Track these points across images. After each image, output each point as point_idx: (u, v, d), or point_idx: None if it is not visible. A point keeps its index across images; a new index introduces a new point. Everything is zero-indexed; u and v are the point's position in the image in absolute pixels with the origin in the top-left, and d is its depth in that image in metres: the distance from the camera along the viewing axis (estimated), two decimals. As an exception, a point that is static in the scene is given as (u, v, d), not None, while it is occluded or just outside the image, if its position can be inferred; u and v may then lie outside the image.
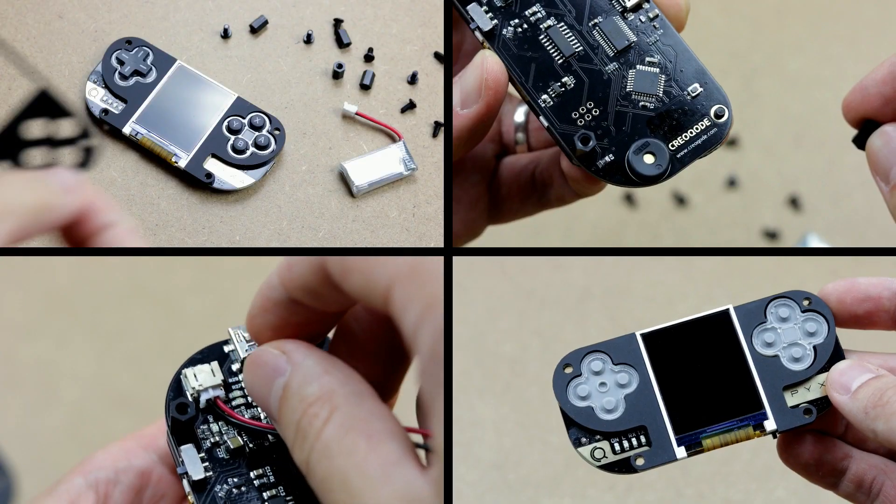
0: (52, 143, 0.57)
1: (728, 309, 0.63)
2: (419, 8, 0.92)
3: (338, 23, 0.90)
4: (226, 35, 0.88)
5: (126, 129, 0.82)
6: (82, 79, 0.85)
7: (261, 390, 0.55)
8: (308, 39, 0.89)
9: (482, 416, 1.07)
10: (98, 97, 0.83)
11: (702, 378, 0.62)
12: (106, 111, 0.83)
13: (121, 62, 0.84)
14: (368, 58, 0.89)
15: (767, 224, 1.13)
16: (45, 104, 0.57)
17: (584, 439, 0.61)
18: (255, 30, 0.89)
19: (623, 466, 0.61)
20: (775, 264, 1.14)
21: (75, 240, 0.61)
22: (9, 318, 1.17)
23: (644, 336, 0.63)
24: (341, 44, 0.89)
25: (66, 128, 0.57)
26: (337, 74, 0.88)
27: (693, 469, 1.04)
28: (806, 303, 0.63)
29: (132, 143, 0.83)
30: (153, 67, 0.84)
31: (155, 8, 0.88)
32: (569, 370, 0.62)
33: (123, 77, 0.84)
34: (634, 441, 0.61)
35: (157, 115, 0.83)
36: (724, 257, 1.16)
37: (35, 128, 0.57)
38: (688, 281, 1.15)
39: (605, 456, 0.61)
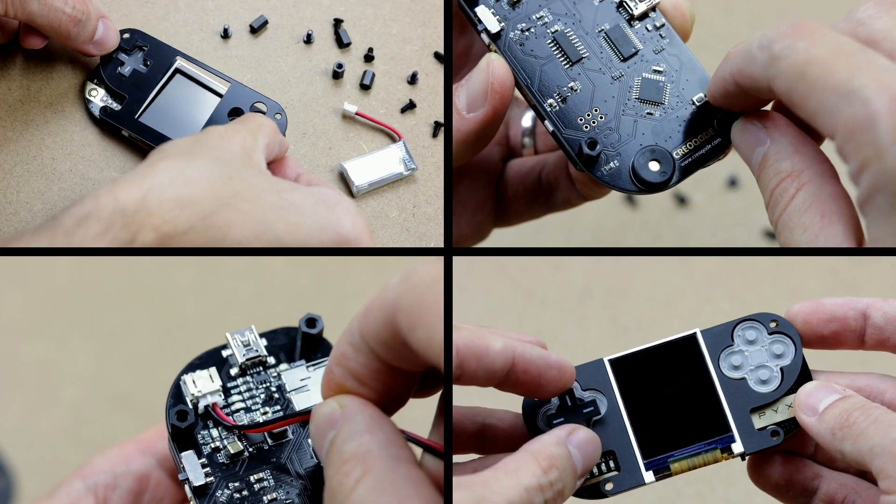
0: None
1: (695, 333, 0.63)
2: (419, 8, 0.92)
3: (338, 23, 0.90)
4: (226, 35, 0.88)
5: (126, 130, 0.82)
6: (82, 79, 0.85)
7: (316, 441, 0.56)
8: (308, 39, 0.89)
9: (482, 416, 1.07)
10: (98, 97, 0.83)
11: (669, 402, 0.62)
12: (106, 111, 0.83)
13: (121, 62, 0.84)
14: (368, 58, 0.89)
15: (767, 224, 1.13)
16: None
17: None
18: (255, 30, 0.89)
19: (593, 492, 0.61)
20: (775, 264, 1.14)
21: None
22: (9, 318, 1.17)
23: (612, 361, 0.63)
24: (341, 44, 0.89)
25: None
26: (337, 74, 0.88)
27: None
28: (773, 325, 0.63)
29: (132, 143, 0.83)
30: (154, 67, 0.84)
31: (155, 8, 0.88)
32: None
33: (123, 77, 0.83)
34: (603, 466, 0.61)
35: (158, 112, 0.83)
36: (724, 257, 1.16)
37: None
38: (688, 281, 1.15)
39: None
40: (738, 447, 0.61)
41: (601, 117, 0.67)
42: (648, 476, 0.61)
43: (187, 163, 0.69)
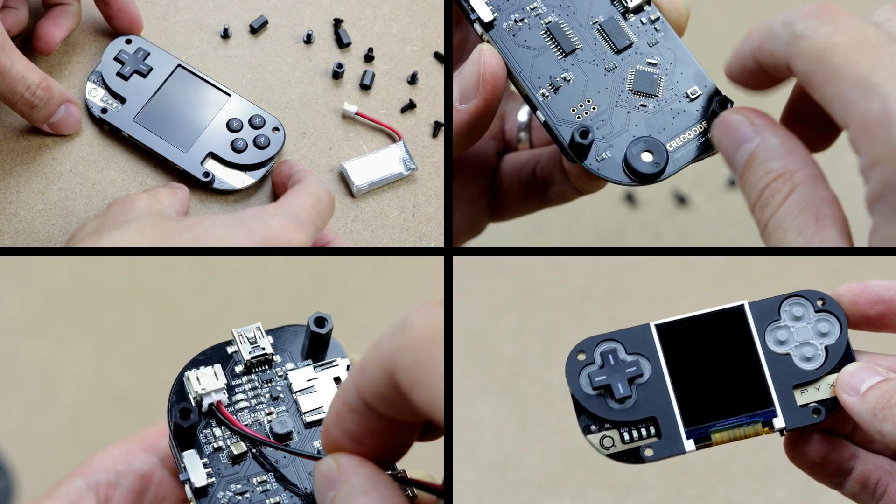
0: None
1: (743, 305, 0.63)
2: (419, 8, 0.92)
3: (338, 23, 0.90)
4: (226, 35, 0.88)
5: (126, 130, 0.82)
6: (82, 79, 0.85)
7: (319, 500, 0.56)
8: (308, 39, 0.89)
9: (482, 416, 1.07)
10: (98, 97, 0.83)
11: (713, 372, 0.62)
12: (105, 111, 0.83)
13: (120, 62, 0.84)
14: (368, 58, 0.89)
15: (768, 224, 1.13)
16: None
17: (593, 427, 0.62)
18: (255, 30, 0.89)
19: (632, 456, 0.61)
20: (775, 264, 1.14)
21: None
22: (9, 318, 1.17)
23: (658, 327, 0.63)
24: (341, 44, 0.89)
25: None
26: (337, 74, 0.88)
27: (693, 469, 1.04)
28: (820, 303, 0.63)
29: (132, 144, 0.83)
30: (153, 67, 0.84)
31: (155, 8, 0.88)
32: (582, 357, 0.62)
33: (123, 77, 0.84)
34: (644, 431, 0.61)
35: (157, 114, 0.83)
36: (724, 257, 1.16)
37: None
38: (688, 281, 1.15)
39: (613, 445, 0.61)
40: (779, 422, 0.61)
41: (594, 108, 0.67)
42: (689, 445, 0.61)
43: (97, 239, 0.69)
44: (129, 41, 0.85)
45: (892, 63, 0.56)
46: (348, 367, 0.63)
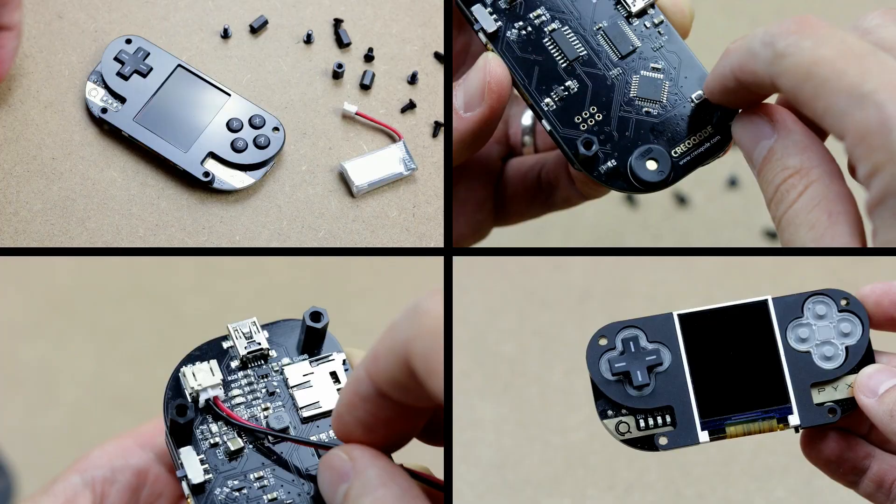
0: None
1: (767, 300, 0.63)
2: (419, 8, 0.92)
3: (338, 23, 0.90)
4: (226, 35, 0.88)
5: (126, 130, 0.82)
6: (82, 79, 0.85)
7: (327, 493, 0.56)
8: (308, 39, 0.89)
9: (482, 416, 1.07)
10: (98, 97, 0.83)
11: (733, 365, 0.63)
12: (105, 111, 0.83)
13: (120, 62, 0.84)
14: (368, 58, 0.89)
15: (768, 224, 1.13)
16: None
17: (610, 412, 0.62)
18: (255, 30, 0.89)
19: (646, 443, 0.62)
20: (775, 264, 1.14)
21: None
22: (9, 318, 1.17)
23: (681, 317, 0.63)
24: (341, 44, 0.89)
25: None
26: (337, 74, 0.88)
27: (693, 469, 1.04)
28: (843, 303, 0.63)
29: (132, 144, 0.83)
30: (153, 67, 0.84)
31: (155, 8, 0.88)
32: (603, 342, 0.63)
33: (123, 77, 0.84)
34: (660, 419, 0.62)
35: (157, 114, 0.83)
36: (724, 257, 1.16)
37: None
38: (688, 281, 1.15)
39: (629, 431, 0.62)
40: (794, 419, 0.62)
41: (599, 116, 0.66)
42: (703, 436, 0.62)
43: None
44: (129, 41, 0.85)
45: (881, 71, 0.56)
46: (344, 361, 0.63)
